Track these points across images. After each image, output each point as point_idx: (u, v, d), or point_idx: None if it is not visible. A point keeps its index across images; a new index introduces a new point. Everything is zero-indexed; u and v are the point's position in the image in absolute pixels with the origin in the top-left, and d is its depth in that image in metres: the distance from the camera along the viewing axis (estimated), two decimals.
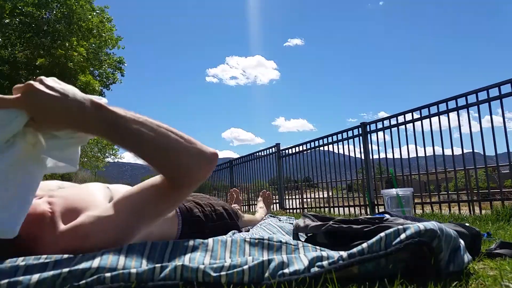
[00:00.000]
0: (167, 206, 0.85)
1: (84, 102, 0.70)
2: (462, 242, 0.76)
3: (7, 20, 10.94)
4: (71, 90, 0.70)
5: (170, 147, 0.76)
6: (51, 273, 0.58)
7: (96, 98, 0.73)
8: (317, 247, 0.79)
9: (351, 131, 4.65)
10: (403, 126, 3.98)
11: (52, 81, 0.70)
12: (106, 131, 0.72)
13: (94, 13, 13.15)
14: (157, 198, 0.81)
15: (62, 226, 0.77)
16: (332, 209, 5.02)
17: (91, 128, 0.71)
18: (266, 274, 0.64)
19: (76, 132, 0.72)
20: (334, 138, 4.94)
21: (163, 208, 0.84)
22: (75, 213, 0.81)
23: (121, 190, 1.13)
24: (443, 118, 3.50)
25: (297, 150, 5.81)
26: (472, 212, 3.23)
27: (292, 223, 1.78)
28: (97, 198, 0.91)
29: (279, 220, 2.03)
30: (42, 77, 0.69)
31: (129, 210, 0.79)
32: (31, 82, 0.67)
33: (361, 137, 4.47)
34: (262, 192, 2.68)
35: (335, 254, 0.68)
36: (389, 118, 4.10)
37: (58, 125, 0.69)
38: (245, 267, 0.64)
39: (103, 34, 13.55)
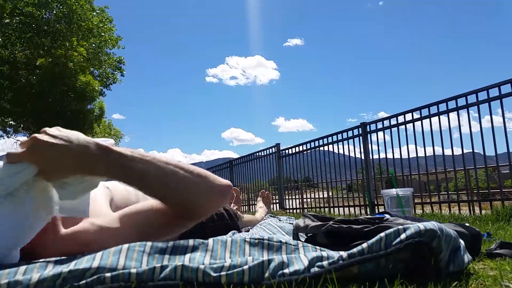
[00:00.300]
0: (175, 231, 0.85)
1: (89, 146, 0.71)
2: (462, 242, 0.76)
3: (7, 20, 10.94)
4: (74, 136, 0.72)
5: (178, 185, 0.77)
6: (51, 273, 0.58)
7: (101, 141, 0.74)
8: (317, 247, 0.79)
9: (351, 131, 4.65)
10: (403, 126, 3.98)
11: (55, 130, 0.71)
12: (114, 172, 0.73)
13: (94, 13, 13.16)
14: (165, 223, 0.81)
15: (62, 230, 0.76)
16: (332, 209, 5.02)
17: (98, 171, 0.72)
18: (266, 274, 0.64)
19: (85, 176, 0.72)
20: (334, 138, 4.94)
21: (170, 232, 0.84)
22: (78, 219, 0.80)
23: (120, 187, 1.13)
24: (443, 118, 3.50)
25: (297, 150, 5.81)
26: (472, 212, 3.23)
27: (292, 223, 1.78)
28: (99, 201, 0.91)
29: (279, 220, 2.03)
30: (46, 128, 0.71)
31: (134, 227, 0.79)
32: (35, 135, 0.69)
33: (361, 137, 4.47)
34: (261, 192, 2.67)
35: (335, 254, 0.68)
36: (389, 118, 4.10)
37: (66, 172, 0.70)
38: (245, 267, 0.64)
39: (103, 34, 13.56)
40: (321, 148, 5.25)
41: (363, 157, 4.46)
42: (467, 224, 1.03)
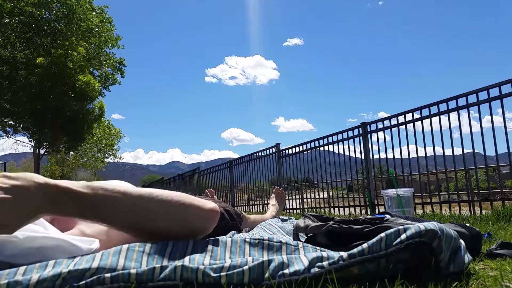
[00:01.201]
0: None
1: (46, 184, 0.66)
2: (462, 242, 0.76)
3: (6, 20, 10.94)
4: (28, 176, 0.65)
5: (154, 222, 0.73)
6: (51, 273, 0.57)
7: (60, 182, 0.68)
8: (317, 247, 0.79)
9: (351, 131, 4.65)
10: (403, 126, 3.98)
11: (5, 178, 0.64)
12: (77, 211, 0.68)
13: (94, 13, 13.17)
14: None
15: None
16: (332, 209, 5.02)
17: (62, 210, 0.67)
18: (266, 275, 0.64)
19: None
20: (334, 138, 4.94)
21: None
22: (70, 219, 0.79)
23: (117, 186, 1.13)
24: (444, 118, 3.50)
25: (297, 150, 5.80)
26: (472, 212, 3.22)
27: (292, 224, 1.78)
28: None
29: (282, 221, 2.03)
30: None
31: (121, 240, 0.78)
32: None
33: (361, 137, 4.47)
34: (275, 189, 2.56)
35: (335, 255, 0.68)
36: (389, 118, 4.10)
37: (30, 214, 0.64)
38: (245, 267, 0.64)
39: (103, 34, 13.56)
40: (321, 148, 5.25)
41: (363, 157, 4.45)
42: (467, 224, 1.03)
